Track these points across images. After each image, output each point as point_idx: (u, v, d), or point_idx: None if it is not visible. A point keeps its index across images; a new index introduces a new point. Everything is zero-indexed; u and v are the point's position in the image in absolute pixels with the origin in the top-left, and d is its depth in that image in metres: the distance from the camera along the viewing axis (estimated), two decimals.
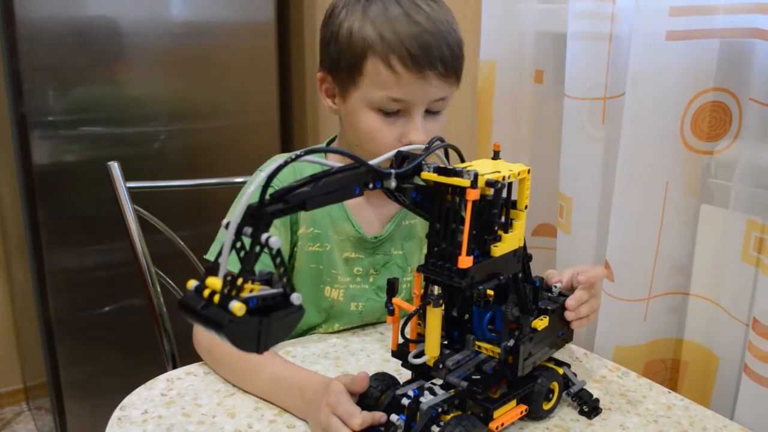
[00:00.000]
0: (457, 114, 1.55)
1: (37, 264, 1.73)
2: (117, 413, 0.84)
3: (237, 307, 0.54)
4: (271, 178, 0.60)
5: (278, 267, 0.59)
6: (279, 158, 1.08)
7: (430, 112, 0.98)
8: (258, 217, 0.58)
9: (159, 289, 1.19)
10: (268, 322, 0.57)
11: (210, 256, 1.01)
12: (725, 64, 1.06)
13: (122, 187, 1.18)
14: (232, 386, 0.91)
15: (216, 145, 1.93)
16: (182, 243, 1.26)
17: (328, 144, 1.11)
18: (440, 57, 0.93)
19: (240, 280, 0.56)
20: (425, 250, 1.11)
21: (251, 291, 0.57)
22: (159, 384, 0.91)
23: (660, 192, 1.12)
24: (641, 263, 1.15)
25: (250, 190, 0.59)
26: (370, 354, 1.00)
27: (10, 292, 2.27)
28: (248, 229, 0.58)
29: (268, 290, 0.58)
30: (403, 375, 0.83)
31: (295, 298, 0.58)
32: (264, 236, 0.58)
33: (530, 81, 1.38)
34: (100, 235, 1.77)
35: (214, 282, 0.57)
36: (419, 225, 1.10)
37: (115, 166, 1.18)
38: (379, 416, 0.75)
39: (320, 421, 0.76)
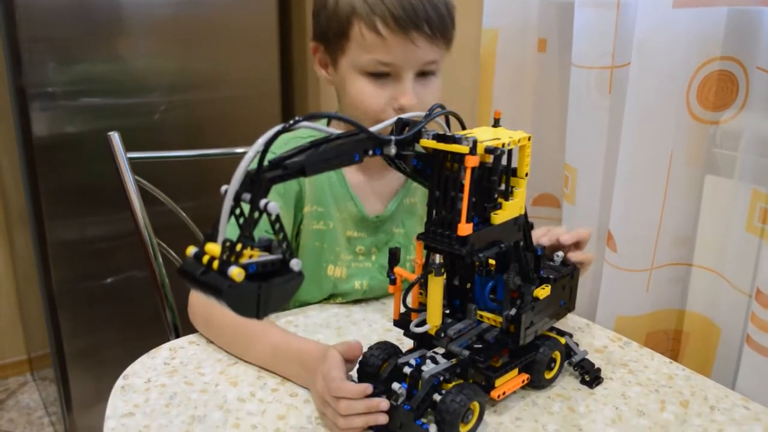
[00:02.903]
0: (459, 82, 1.54)
1: (39, 235, 1.73)
2: (120, 382, 0.85)
3: (236, 272, 0.54)
4: (269, 143, 0.59)
5: (277, 233, 0.58)
6: (282, 142, 1.08)
7: (421, 76, 0.97)
8: (257, 183, 0.58)
9: (161, 259, 1.19)
10: (268, 288, 0.57)
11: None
12: (733, 32, 1.04)
13: (123, 157, 1.17)
14: (234, 355, 0.91)
15: (217, 116, 1.91)
16: (183, 214, 1.25)
17: (329, 122, 1.10)
18: (426, 18, 0.92)
19: (239, 246, 0.56)
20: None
21: (250, 257, 0.57)
22: (162, 353, 0.91)
23: (664, 162, 1.11)
24: (644, 234, 1.14)
25: (249, 155, 0.59)
26: (372, 324, 1.01)
27: (13, 264, 2.27)
28: (247, 195, 0.58)
29: (267, 256, 0.58)
30: (405, 344, 0.83)
31: (295, 264, 0.58)
32: (263, 202, 0.57)
33: (533, 49, 1.36)
34: (102, 207, 1.77)
35: (213, 248, 0.57)
36: (420, 203, 1.10)
37: (115, 137, 1.18)
38: (364, 387, 0.73)
39: (317, 390, 0.77)
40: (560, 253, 0.88)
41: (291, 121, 0.61)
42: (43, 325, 1.85)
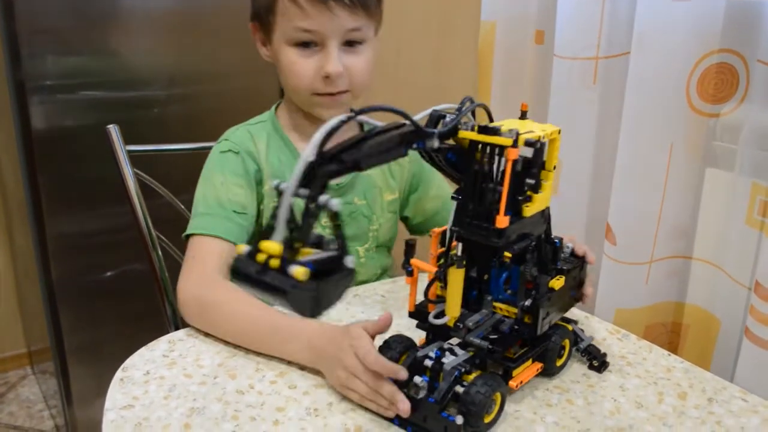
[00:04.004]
0: (458, 74, 1.53)
1: (38, 229, 1.73)
2: (119, 374, 0.85)
3: (301, 272, 0.53)
4: (329, 135, 0.59)
5: (335, 228, 0.58)
6: (234, 128, 1.10)
7: (348, 45, 1.02)
8: (315, 179, 0.57)
9: (160, 253, 1.19)
10: (326, 286, 0.56)
11: (196, 229, 1.01)
12: (733, 24, 1.04)
13: (122, 150, 1.17)
14: (233, 347, 0.91)
15: (216, 109, 1.91)
16: (183, 207, 1.25)
17: (277, 106, 1.15)
18: None
19: (296, 244, 0.55)
20: (386, 198, 1.14)
21: (305, 255, 0.56)
22: (161, 345, 0.91)
23: (664, 155, 1.11)
24: (644, 226, 1.14)
25: (308, 150, 0.58)
26: (371, 316, 1.00)
27: (12, 258, 2.27)
28: (304, 191, 0.57)
29: (322, 253, 0.57)
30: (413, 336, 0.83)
31: (349, 261, 0.57)
32: (323, 199, 0.56)
33: (531, 41, 1.36)
34: (101, 200, 1.76)
35: (270, 246, 0.55)
36: (377, 175, 1.13)
37: (114, 129, 1.18)
38: (398, 369, 0.74)
39: (345, 364, 0.77)
40: (570, 244, 0.88)
41: (347, 116, 0.61)
42: (43, 319, 1.85)
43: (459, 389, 0.74)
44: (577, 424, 0.77)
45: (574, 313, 1.03)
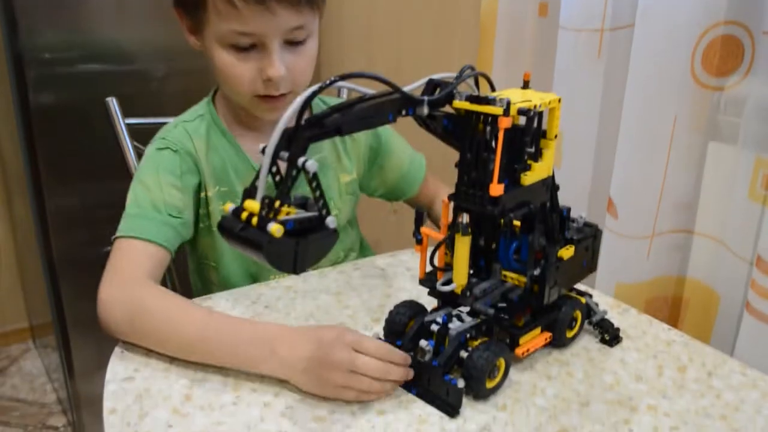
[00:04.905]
0: (459, 47, 1.52)
1: (38, 203, 1.72)
2: (119, 347, 0.85)
3: (275, 228, 0.57)
4: (308, 100, 0.61)
5: (314, 190, 0.60)
6: (166, 125, 1.04)
7: (290, 44, 0.92)
8: (295, 142, 0.60)
9: None
10: (305, 244, 0.59)
11: (127, 231, 0.91)
12: None
13: (121, 123, 1.17)
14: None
15: (215, 82, 1.89)
16: None
17: (215, 94, 1.07)
18: None
19: (277, 203, 0.59)
20: (343, 180, 1.10)
21: (288, 214, 0.59)
22: None
23: (667, 128, 1.10)
24: (646, 201, 1.14)
25: (288, 114, 0.59)
26: (372, 289, 1.00)
27: (13, 232, 2.27)
28: (284, 154, 0.60)
29: (304, 213, 0.60)
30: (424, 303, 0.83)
31: (330, 221, 0.61)
32: (301, 160, 0.59)
33: (534, 14, 1.35)
34: (101, 173, 1.75)
35: (252, 205, 0.59)
36: (329, 155, 1.08)
37: (113, 102, 1.17)
38: (405, 356, 0.75)
39: (347, 363, 0.72)
40: (583, 214, 0.88)
41: (328, 81, 0.62)
42: (44, 293, 1.85)
43: (463, 354, 0.75)
44: (577, 397, 0.77)
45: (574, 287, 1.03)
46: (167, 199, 0.94)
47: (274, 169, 0.61)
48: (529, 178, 0.74)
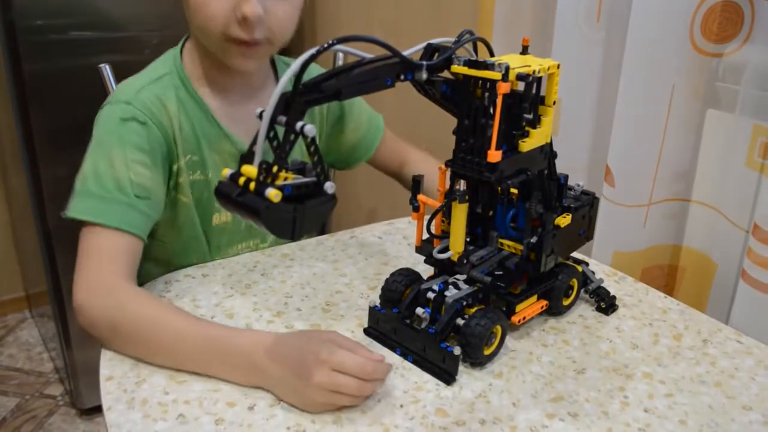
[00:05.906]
0: (458, 15, 1.50)
1: (33, 171, 1.71)
2: None
3: (273, 193, 0.56)
4: (306, 63, 0.60)
5: (312, 155, 0.60)
6: (127, 85, 0.97)
7: None
8: (293, 106, 0.59)
9: None
10: (303, 210, 0.59)
11: (74, 213, 0.84)
12: None
13: (114, 90, 1.15)
14: (230, 288, 0.91)
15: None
16: None
17: (182, 47, 1.00)
18: None
19: (275, 168, 0.58)
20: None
21: (285, 179, 0.59)
22: (157, 285, 0.91)
23: (666, 96, 1.09)
24: (643, 169, 1.14)
25: (285, 79, 0.58)
26: (368, 257, 1.00)
27: (8, 202, 2.26)
28: (282, 118, 0.59)
29: (302, 179, 0.60)
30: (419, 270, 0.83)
31: (329, 186, 0.60)
32: (299, 124, 0.59)
33: None
34: None
35: (249, 170, 0.58)
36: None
37: (106, 68, 1.16)
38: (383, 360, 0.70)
39: (333, 362, 0.67)
40: (581, 183, 0.87)
41: (326, 44, 0.61)
42: (40, 263, 1.85)
43: (459, 321, 0.75)
44: (573, 364, 0.78)
45: (571, 255, 1.03)
46: (134, 179, 0.86)
47: (271, 134, 0.60)
48: (527, 145, 0.73)
